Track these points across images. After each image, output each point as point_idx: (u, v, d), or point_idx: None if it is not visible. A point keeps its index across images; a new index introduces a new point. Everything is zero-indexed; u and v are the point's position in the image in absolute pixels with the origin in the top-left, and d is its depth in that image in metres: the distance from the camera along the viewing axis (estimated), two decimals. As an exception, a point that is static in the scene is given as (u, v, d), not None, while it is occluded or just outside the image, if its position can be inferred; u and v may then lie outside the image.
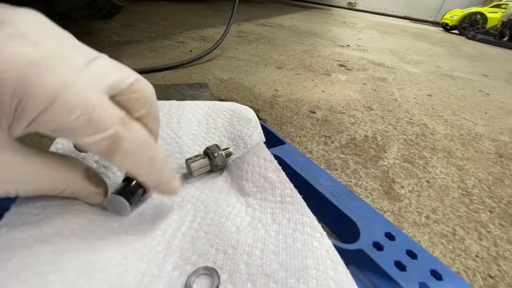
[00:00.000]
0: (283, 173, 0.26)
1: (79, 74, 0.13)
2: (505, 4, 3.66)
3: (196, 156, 0.27)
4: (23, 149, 0.15)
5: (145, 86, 0.16)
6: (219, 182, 0.27)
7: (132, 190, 0.20)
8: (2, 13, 0.13)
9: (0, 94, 0.12)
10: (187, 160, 0.26)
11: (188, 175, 0.27)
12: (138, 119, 0.17)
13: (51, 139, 0.26)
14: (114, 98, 0.15)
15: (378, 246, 0.22)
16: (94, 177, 0.19)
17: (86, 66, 0.14)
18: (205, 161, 0.27)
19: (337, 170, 0.39)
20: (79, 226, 0.18)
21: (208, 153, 0.27)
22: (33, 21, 0.13)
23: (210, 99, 0.51)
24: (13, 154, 0.14)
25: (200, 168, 0.27)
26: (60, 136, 0.14)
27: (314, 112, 0.58)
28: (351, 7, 6.06)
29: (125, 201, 0.19)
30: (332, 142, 0.47)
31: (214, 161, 0.27)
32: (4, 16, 0.13)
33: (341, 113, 0.60)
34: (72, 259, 0.15)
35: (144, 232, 0.20)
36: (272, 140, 0.36)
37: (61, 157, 0.17)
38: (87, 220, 0.18)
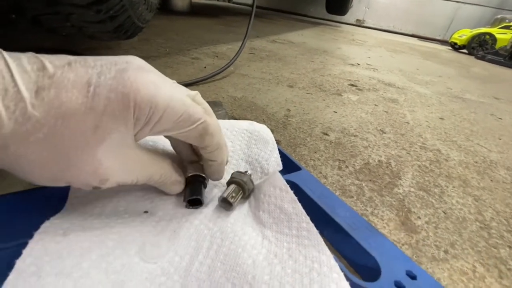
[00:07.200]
0: (299, 204, 0.26)
1: (173, 88, 0.19)
2: (515, 26, 3.67)
3: (227, 189, 0.26)
4: (141, 148, 0.21)
5: (202, 100, 0.23)
6: (235, 209, 0.27)
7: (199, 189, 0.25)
8: (118, 59, 0.18)
9: (137, 111, 0.17)
10: (224, 197, 0.25)
11: (220, 207, 0.27)
12: None
13: None
14: None
15: (399, 286, 0.22)
16: (177, 169, 0.24)
17: (172, 83, 0.20)
18: (238, 189, 0.26)
19: (352, 197, 0.39)
20: (98, 256, 0.18)
21: (238, 182, 0.27)
22: (141, 62, 0.20)
23: (225, 119, 0.51)
24: (138, 153, 0.20)
25: (238, 200, 0.26)
26: (169, 134, 0.20)
27: (327, 134, 0.59)
28: (359, 24, 6.16)
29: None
30: (346, 166, 0.47)
31: (246, 187, 0.27)
32: (121, 61, 0.18)
33: (354, 136, 0.60)
34: None
35: (161, 256, 0.20)
36: (288, 165, 0.36)
37: (157, 152, 0.24)
38: (105, 248, 0.19)
